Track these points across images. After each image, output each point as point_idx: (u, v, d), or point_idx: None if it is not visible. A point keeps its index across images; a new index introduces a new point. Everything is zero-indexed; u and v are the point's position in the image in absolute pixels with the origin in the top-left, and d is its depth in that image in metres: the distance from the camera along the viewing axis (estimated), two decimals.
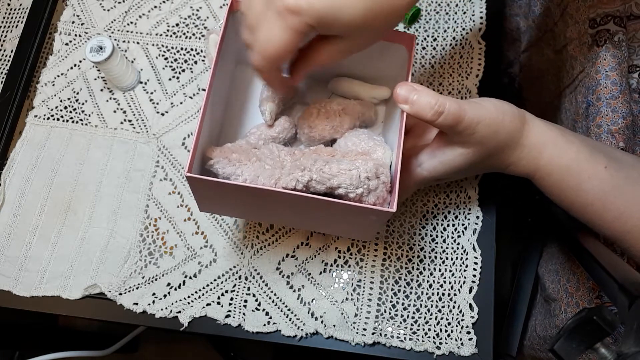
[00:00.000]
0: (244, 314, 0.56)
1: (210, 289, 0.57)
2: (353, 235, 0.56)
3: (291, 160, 0.46)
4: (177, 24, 0.68)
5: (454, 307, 0.56)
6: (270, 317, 0.56)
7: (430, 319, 0.56)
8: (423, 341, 0.55)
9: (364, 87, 0.56)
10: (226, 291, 0.57)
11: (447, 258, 0.58)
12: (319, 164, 0.44)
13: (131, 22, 0.68)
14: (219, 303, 0.56)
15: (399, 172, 0.42)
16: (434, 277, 0.57)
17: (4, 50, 0.68)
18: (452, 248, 0.58)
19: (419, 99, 0.42)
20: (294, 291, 0.57)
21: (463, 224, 0.59)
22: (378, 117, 0.58)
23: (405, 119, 0.45)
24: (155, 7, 0.69)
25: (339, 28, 0.39)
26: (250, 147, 0.49)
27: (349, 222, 0.47)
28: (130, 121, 0.64)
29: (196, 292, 0.57)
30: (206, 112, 0.45)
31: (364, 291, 0.57)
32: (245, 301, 0.56)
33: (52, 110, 0.65)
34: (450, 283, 0.57)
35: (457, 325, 0.55)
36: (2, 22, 0.70)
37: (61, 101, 0.65)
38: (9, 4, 0.71)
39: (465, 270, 0.57)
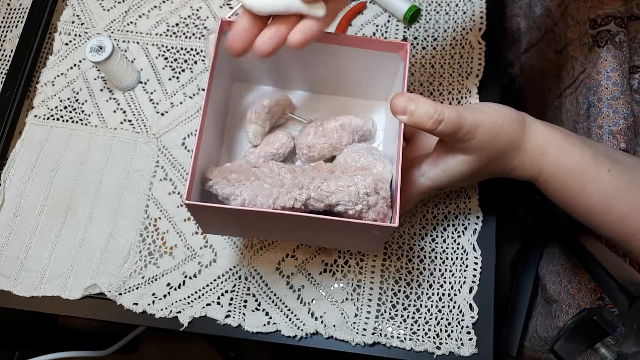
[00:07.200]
0: (243, 314, 0.56)
1: (210, 289, 0.57)
2: (359, 248, 0.56)
3: (291, 178, 0.46)
4: (177, 24, 0.68)
5: (454, 307, 0.56)
6: (270, 317, 0.56)
7: (430, 319, 0.56)
8: (423, 341, 0.55)
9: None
10: (226, 291, 0.57)
11: (447, 258, 0.58)
12: (316, 181, 0.43)
13: (131, 22, 0.68)
14: (218, 303, 0.56)
15: (399, 185, 0.42)
16: (434, 277, 0.57)
17: (4, 50, 0.68)
18: (452, 248, 0.58)
19: (417, 108, 0.41)
20: (294, 291, 0.57)
21: (463, 224, 0.59)
22: (377, 128, 0.58)
23: (404, 128, 0.44)
24: (155, 7, 0.69)
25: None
26: (250, 166, 0.49)
27: (352, 238, 0.47)
28: (130, 121, 0.64)
29: (196, 292, 0.57)
30: (202, 137, 0.44)
31: (364, 291, 0.57)
32: (245, 301, 0.56)
33: (52, 110, 0.65)
34: (450, 283, 0.57)
35: (457, 326, 0.55)
36: (2, 22, 0.70)
37: (61, 101, 0.65)
38: (9, 4, 0.71)
39: (465, 270, 0.57)
